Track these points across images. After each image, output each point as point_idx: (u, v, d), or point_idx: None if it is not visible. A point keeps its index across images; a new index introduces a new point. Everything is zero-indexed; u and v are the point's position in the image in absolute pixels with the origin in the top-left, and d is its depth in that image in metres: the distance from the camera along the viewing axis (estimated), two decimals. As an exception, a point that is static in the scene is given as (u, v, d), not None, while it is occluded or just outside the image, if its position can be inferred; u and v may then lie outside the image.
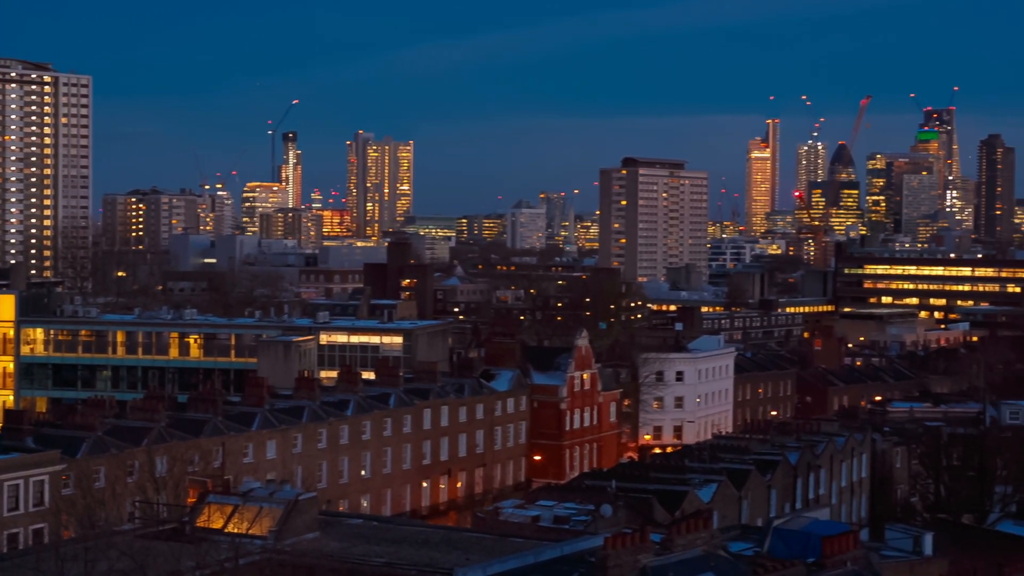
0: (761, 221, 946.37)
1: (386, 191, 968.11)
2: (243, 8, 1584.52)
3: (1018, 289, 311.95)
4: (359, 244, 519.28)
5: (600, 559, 43.32)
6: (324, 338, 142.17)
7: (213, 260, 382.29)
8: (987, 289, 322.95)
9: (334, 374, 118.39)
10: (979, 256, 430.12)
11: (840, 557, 43.04)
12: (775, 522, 61.76)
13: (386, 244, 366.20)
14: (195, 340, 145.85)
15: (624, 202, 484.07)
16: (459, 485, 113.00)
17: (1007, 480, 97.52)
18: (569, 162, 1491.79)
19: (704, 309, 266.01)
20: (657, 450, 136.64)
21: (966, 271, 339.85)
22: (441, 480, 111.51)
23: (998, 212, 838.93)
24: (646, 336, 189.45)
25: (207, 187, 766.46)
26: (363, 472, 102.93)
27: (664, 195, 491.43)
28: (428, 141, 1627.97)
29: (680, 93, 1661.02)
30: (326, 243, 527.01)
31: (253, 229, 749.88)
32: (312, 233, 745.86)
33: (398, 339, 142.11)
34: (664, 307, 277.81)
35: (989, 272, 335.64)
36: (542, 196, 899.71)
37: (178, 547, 51.78)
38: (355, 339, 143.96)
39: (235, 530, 55.23)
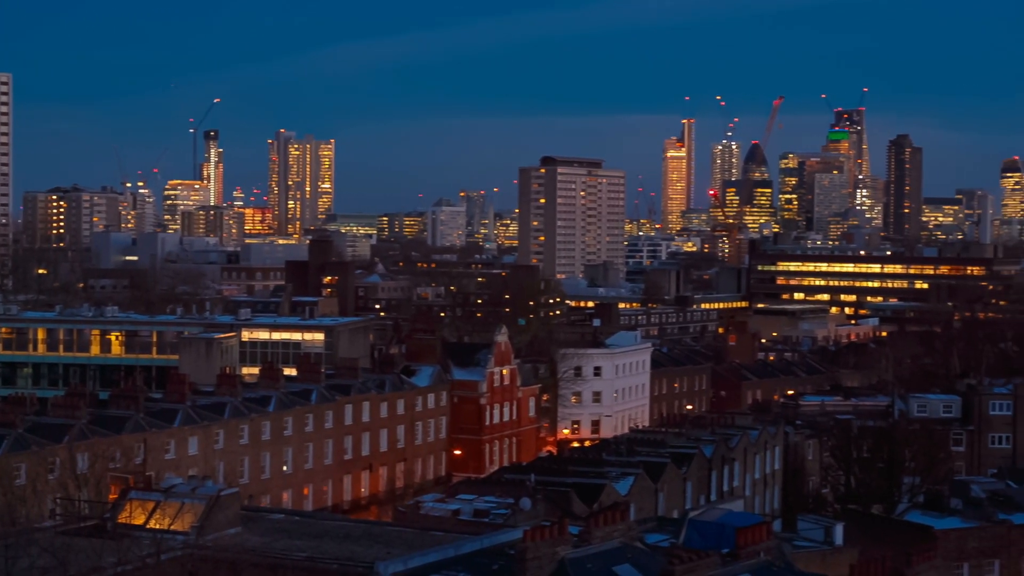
0: (677, 219, 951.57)
1: (307, 189, 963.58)
2: (165, 8, 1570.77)
3: (926, 285, 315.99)
4: (281, 242, 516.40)
5: (519, 551, 43.35)
6: (246, 335, 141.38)
7: (135, 258, 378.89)
8: (896, 285, 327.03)
9: (256, 371, 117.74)
10: (888, 253, 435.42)
11: (754, 548, 43.34)
12: (691, 514, 62.13)
13: (308, 242, 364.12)
14: (116, 337, 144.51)
15: (543, 200, 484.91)
16: (380, 480, 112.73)
17: (915, 471, 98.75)
18: (489, 161, 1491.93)
19: (621, 305, 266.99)
20: (575, 444, 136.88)
21: (875, 268, 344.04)
22: (362, 475, 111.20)
23: (906, 210, 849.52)
24: (564, 332, 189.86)
25: (128, 185, 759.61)
26: (285, 467, 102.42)
27: (582, 193, 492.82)
28: (349, 140, 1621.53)
29: (597, 93, 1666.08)
30: (248, 241, 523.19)
31: (175, 227, 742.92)
32: (234, 231, 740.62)
33: (319, 336, 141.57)
34: (582, 303, 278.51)
35: (898, 269, 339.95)
36: (462, 194, 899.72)
37: (99, 544, 51.22)
38: (277, 336, 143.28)
39: (157, 526, 54.77)
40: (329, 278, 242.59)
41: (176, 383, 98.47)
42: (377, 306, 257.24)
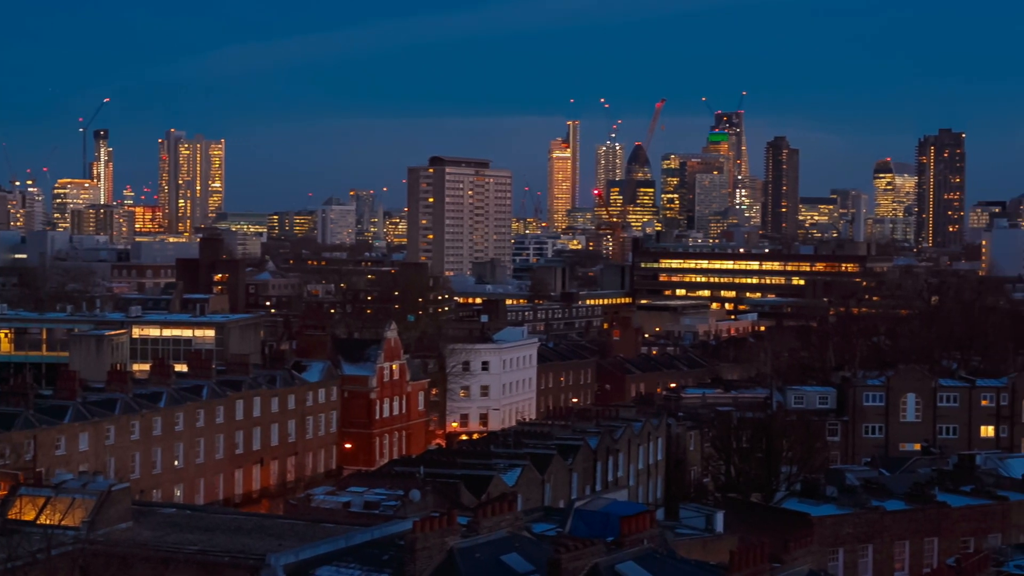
0: (562, 218, 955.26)
1: (198, 188, 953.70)
2: (55, 6, 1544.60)
3: (802, 282, 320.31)
4: (171, 240, 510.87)
5: (409, 542, 43.26)
6: (136, 332, 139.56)
7: (24, 256, 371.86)
8: (773, 282, 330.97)
9: (147, 367, 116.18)
10: (766, 251, 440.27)
11: (637, 536, 43.59)
12: (576, 504, 62.37)
13: (198, 240, 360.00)
14: (6, 335, 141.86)
15: (431, 199, 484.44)
16: (272, 474, 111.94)
17: (792, 461, 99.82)
18: (378, 161, 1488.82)
19: (508, 302, 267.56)
20: (464, 437, 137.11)
21: (754, 265, 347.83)
22: (254, 469, 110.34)
23: (783, 209, 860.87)
24: (453, 328, 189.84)
25: (17, 183, 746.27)
26: (176, 462, 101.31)
27: (470, 193, 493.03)
28: (240, 140, 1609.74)
29: (485, 95, 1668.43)
30: (138, 239, 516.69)
31: (64, 225, 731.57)
32: (124, 229, 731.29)
33: (210, 332, 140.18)
34: (470, 300, 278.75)
35: (775, 266, 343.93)
36: (352, 193, 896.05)
37: (-11, 539, 50.28)
38: (167, 332, 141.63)
39: (47, 522, 53.87)
40: (220, 276, 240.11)
41: (66, 380, 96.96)
42: (268, 303, 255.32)
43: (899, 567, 79.46)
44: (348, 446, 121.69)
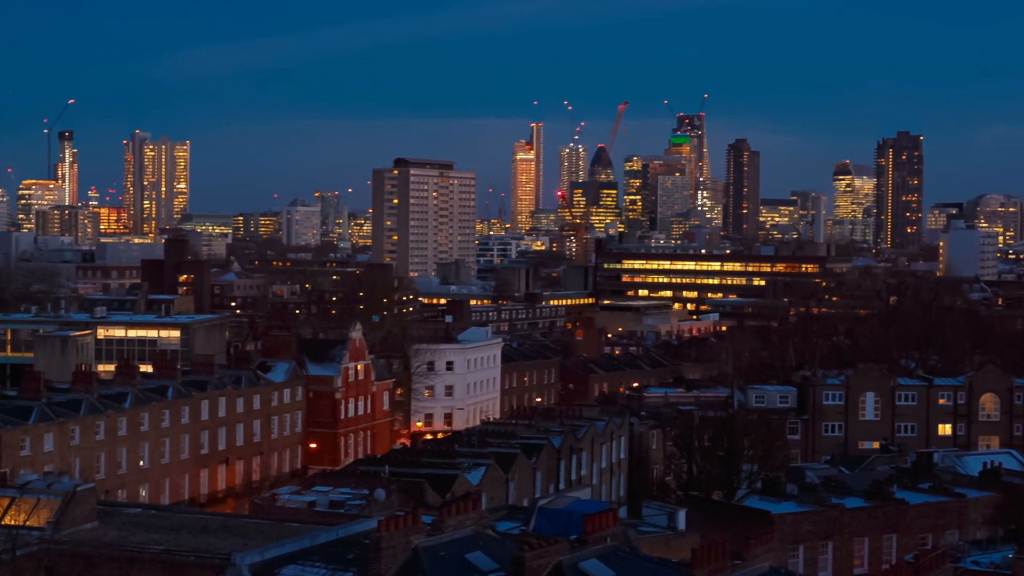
0: (526, 219, 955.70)
1: (163, 189, 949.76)
2: (18, 7, 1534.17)
3: (763, 282, 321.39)
4: (136, 241, 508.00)
5: (374, 541, 43.20)
6: (102, 332, 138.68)
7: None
8: (735, 282, 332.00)
9: (112, 368, 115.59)
10: (727, 252, 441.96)
11: (601, 534, 43.66)
12: (540, 502, 62.42)
13: (163, 241, 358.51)
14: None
15: (396, 201, 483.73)
16: (237, 473, 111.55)
17: (753, 459, 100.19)
18: (343, 162, 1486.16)
19: (473, 302, 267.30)
20: (428, 436, 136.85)
21: (715, 266, 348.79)
22: (219, 469, 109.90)
23: (744, 211, 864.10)
24: (418, 328, 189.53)
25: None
26: (141, 463, 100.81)
27: (434, 194, 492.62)
28: (205, 141, 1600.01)
29: (449, 97, 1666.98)
30: (103, 240, 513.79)
31: (29, 226, 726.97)
32: (89, 230, 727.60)
33: (175, 333, 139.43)
34: (435, 300, 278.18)
35: (736, 267, 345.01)
36: (317, 195, 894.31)
37: (-46, 540, 49.93)
38: (133, 333, 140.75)
39: (12, 522, 53.53)
40: (185, 276, 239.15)
41: (31, 380, 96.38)
42: (233, 304, 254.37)
43: (858, 564, 79.88)
44: (313, 446, 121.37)
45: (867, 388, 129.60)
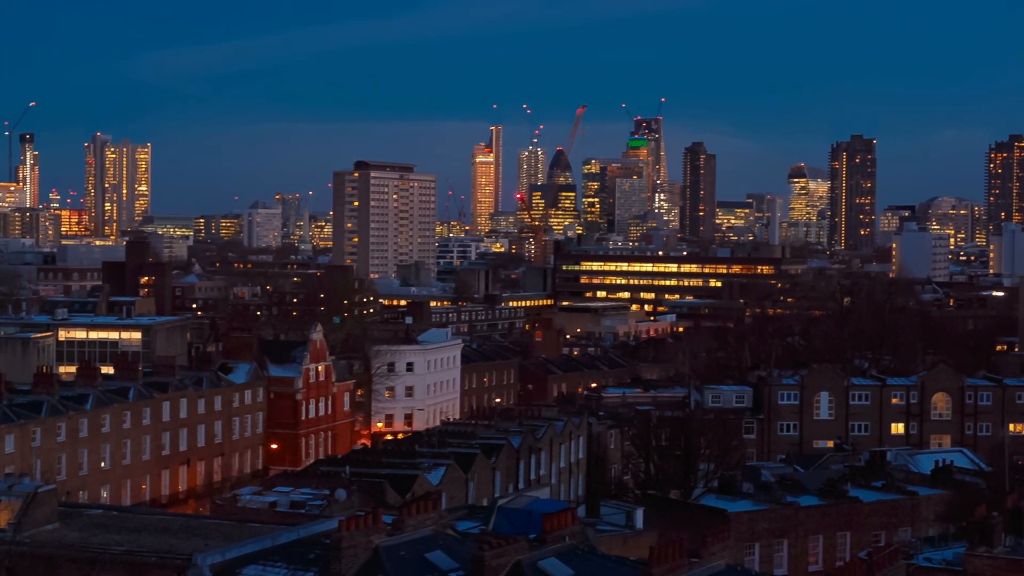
0: (486, 221, 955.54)
1: (124, 192, 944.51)
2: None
3: (719, 284, 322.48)
4: (98, 243, 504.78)
5: (335, 540, 43.09)
6: (63, 334, 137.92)
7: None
8: (691, 284, 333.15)
9: (73, 369, 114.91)
10: (684, 254, 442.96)
11: (559, 533, 43.71)
12: (499, 501, 62.42)
13: (124, 243, 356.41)
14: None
15: (356, 203, 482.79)
16: (198, 474, 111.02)
17: (709, 458, 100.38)
18: (304, 165, 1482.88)
19: (433, 304, 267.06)
20: (389, 437, 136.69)
21: (673, 267, 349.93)
22: (180, 470, 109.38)
23: (701, 213, 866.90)
24: (378, 329, 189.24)
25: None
26: (103, 464, 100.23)
27: (394, 196, 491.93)
28: (166, 144, 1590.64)
29: (409, 101, 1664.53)
30: (64, 242, 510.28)
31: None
32: (51, 232, 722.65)
33: (136, 335, 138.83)
34: (395, 302, 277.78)
35: (693, 268, 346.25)
36: (278, 197, 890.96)
37: (-86, 542, 49.50)
38: (94, 335, 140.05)
39: (-27, 523, 53.12)
40: (146, 278, 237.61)
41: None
42: (194, 305, 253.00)
43: (813, 561, 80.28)
44: (274, 446, 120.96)
45: (821, 388, 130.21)
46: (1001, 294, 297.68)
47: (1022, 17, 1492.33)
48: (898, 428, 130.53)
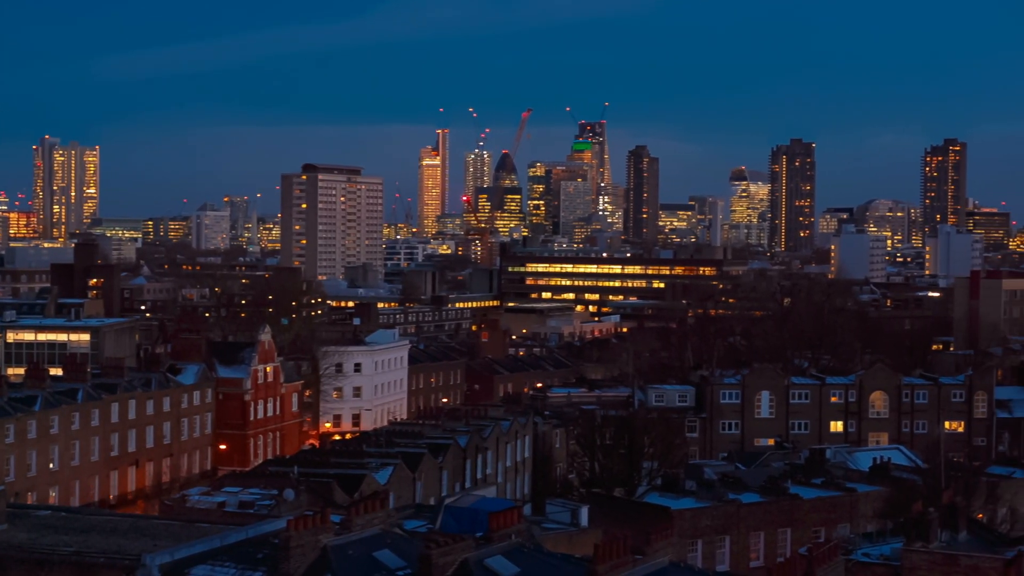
0: (432, 223, 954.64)
1: (73, 194, 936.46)
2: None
3: (662, 285, 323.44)
4: (46, 245, 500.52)
5: (283, 540, 42.88)
6: (11, 336, 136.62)
7: None
8: (635, 285, 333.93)
9: (22, 371, 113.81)
10: (628, 255, 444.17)
11: (506, 531, 43.70)
12: (446, 500, 62.37)
13: (73, 245, 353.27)
14: None
15: (304, 205, 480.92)
16: (147, 475, 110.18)
17: (653, 456, 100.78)
18: (252, 168, 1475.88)
19: (380, 305, 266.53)
20: (337, 437, 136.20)
21: (616, 269, 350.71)
22: (129, 470, 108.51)
23: (644, 215, 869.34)
24: (326, 331, 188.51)
25: None
26: (52, 465, 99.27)
27: (342, 199, 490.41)
28: (115, 146, 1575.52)
29: (357, 104, 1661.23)
30: (13, 244, 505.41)
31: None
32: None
33: (85, 336, 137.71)
34: (343, 303, 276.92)
35: (637, 270, 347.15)
36: (226, 200, 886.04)
37: None
38: (42, 337, 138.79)
39: (-79, 525, 52.41)
40: (95, 280, 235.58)
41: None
42: (143, 307, 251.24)
43: (754, 557, 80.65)
44: (223, 447, 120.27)
45: (762, 387, 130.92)
46: (937, 295, 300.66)
47: (957, 23, 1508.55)
48: (837, 426, 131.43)
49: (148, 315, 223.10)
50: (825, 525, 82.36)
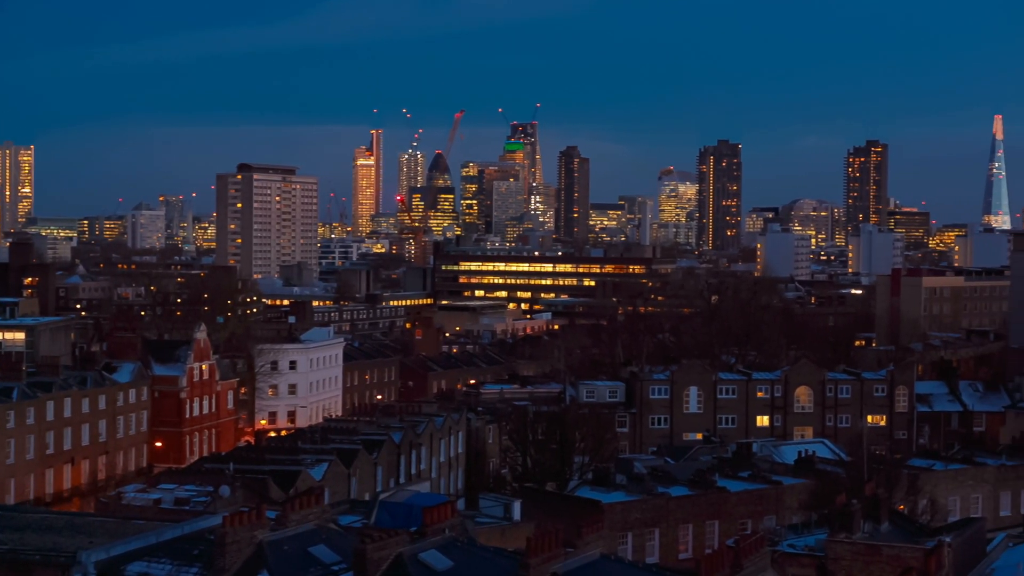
0: (367, 222, 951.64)
1: (7, 194, 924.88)
2: None
3: (593, 283, 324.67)
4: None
5: (219, 536, 42.58)
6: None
7: None
8: (566, 283, 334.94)
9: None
10: (559, 254, 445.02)
11: (439, 525, 43.63)
12: (381, 496, 62.24)
13: (8, 244, 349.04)
14: None
15: (240, 205, 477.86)
16: (83, 473, 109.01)
17: (584, 451, 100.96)
18: (187, 167, 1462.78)
19: (315, 303, 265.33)
20: (272, 434, 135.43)
21: (548, 267, 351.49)
22: (65, 468, 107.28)
23: (575, 215, 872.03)
24: (261, 329, 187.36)
25: None
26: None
27: (277, 198, 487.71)
28: (49, 146, 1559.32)
29: (292, 104, 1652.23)
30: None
31: None
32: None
33: (20, 335, 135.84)
34: (278, 302, 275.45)
35: (568, 268, 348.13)
36: (161, 199, 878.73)
37: None
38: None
39: None
40: (30, 279, 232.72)
41: None
42: (78, 306, 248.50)
43: (683, 549, 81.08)
44: (159, 444, 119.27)
45: (690, 382, 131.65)
46: (859, 292, 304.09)
47: (879, 28, 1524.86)
48: (763, 420, 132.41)
49: (83, 314, 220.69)
50: (752, 517, 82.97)
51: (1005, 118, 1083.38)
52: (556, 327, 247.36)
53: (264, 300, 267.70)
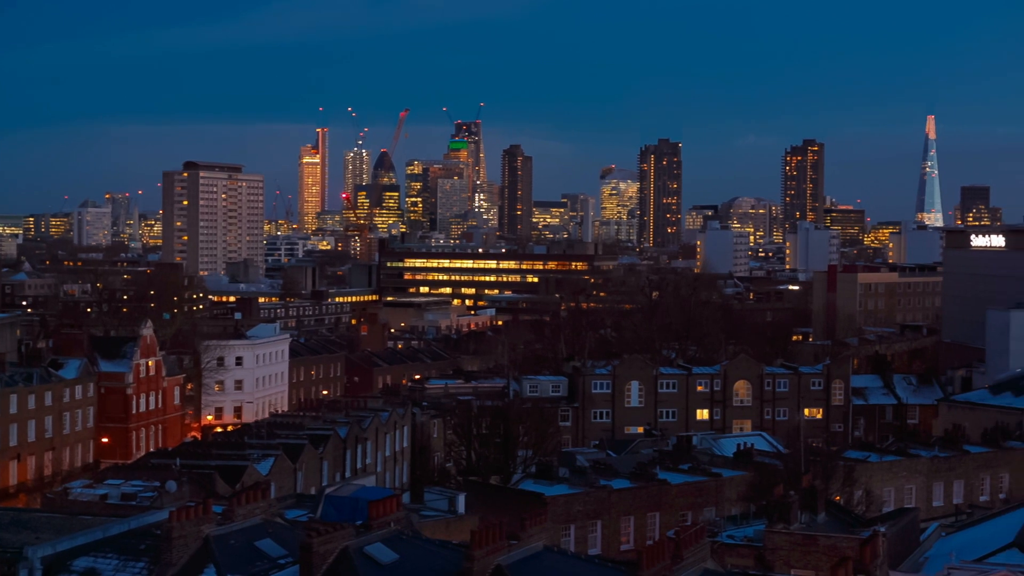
0: (313, 220, 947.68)
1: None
2: None
3: (536, 279, 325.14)
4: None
5: (165, 531, 42.30)
6: None
7: None
8: (510, 279, 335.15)
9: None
10: (503, 251, 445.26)
11: (385, 519, 43.52)
12: (327, 490, 61.88)
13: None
14: None
15: (186, 202, 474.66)
16: (29, 469, 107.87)
17: (528, 445, 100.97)
18: (133, 165, 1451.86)
19: (261, 300, 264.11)
20: (219, 429, 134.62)
21: (492, 264, 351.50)
22: (11, 464, 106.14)
23: (518, 212, 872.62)
24: (208, 325, 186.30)
25: None
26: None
27: (223, 196, 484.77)
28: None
29: (238, 103, 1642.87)
30: None
31: None
32: None
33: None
34: (224, 298, 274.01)
35: (511, 265, 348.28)
36: (107, 196, 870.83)
37: None
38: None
39: None
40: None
41: None
42: (24, 303, 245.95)
43: (625, 540, 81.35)
44: (105, 440, 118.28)
45: (632, 377, 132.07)
46: (796, 288, 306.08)
47: (816, 28, 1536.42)
48: (703, 414, 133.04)
49: (29, 310, 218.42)
50: (692, 509, 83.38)
51: (937, 118, 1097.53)
52: (500, 323, 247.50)
53: (210, 296, 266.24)
